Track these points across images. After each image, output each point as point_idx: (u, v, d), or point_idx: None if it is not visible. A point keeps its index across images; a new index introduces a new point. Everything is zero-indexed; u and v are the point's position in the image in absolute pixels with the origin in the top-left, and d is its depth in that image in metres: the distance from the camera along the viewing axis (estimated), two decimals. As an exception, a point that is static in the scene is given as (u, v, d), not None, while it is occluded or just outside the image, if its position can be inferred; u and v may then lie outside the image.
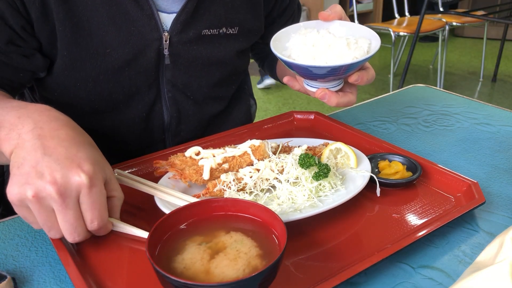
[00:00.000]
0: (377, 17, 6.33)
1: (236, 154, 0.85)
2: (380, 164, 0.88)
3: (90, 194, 0.64)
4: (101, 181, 0.66)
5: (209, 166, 0.81)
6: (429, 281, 0.65)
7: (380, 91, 4.46)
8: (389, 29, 4.04)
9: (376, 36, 0.91)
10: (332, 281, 0.60)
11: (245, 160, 0.84)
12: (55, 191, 0.61)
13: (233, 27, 1.02)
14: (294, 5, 1.19)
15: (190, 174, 0.80)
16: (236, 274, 0.55)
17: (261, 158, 0.84)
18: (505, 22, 4.28)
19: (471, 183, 0.81)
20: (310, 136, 1.04)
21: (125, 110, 0.99)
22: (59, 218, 0.64)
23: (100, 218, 0.66)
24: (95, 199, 0.65)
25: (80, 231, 0.65)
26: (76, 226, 0.65)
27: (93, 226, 0.66)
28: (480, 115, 1.17)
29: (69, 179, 0.62)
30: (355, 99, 0.94)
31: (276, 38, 0.93)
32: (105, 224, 0.68)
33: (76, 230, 0.65)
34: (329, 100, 0.90)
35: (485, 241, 0.72)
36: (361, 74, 0.89)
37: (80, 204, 0.64)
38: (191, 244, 0.61)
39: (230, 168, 0.83)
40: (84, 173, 0.63)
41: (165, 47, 0.95)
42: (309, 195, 0.76)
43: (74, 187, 0.62)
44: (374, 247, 0.69)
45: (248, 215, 0.65)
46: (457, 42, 6.12)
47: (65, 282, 0.66)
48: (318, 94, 0.90)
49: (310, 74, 0.89)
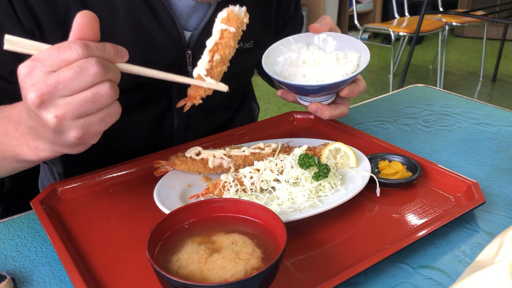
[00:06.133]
0: (377, 17, 6.33)
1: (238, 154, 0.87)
2: (380, 164, 0.88)
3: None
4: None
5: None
6: (429, 281, 0.65)
7: (380, 91, 4.46)
8: (389, 29, 4.04)
9: (366, 49, 0.94)
10: (332, 281, 0.60)
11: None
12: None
13: (249, 41, 1.03)
14: (298, 17, 1.19)
15: (196, 91, 0.78)
16: (235, 275, 0.55)
17: (236, 26, 0.78)
18: (505, 22, 4.28)
19: (471, 183, 0.81)
20: (310, 136, 1.04)
21: (137, 116, 1.00)
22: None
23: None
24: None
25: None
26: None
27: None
28: (480, 115, 1.17)
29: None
30: (347, 110, 0.97)
31: (267, 55, 0.96)
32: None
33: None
34: (321, 114, 0.94)
35: (485, 241, 0.72)
36: (352, 88, 0.92)
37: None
38: (190, 244, 0.61)
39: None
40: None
41: (188, 64, 0.96)
42: (309, 195, 0.76)
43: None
44: (374, 247, 0.69)
45: (248, 216, 0.65)
46: (457, 42, 6.12)
47: (65, 282, 0.66)
48: (311, 108, 0.95)
49: (302, 91, 0.94)
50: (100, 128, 0.63)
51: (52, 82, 0.58)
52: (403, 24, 4.29)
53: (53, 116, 0.59)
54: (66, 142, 0.63)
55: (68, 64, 0.58)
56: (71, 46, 0.58)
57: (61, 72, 0.58)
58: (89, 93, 0.59)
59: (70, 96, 0.59)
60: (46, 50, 0.59)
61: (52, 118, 0.59)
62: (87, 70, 0.58)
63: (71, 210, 0.81)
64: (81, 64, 0.58)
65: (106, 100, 0.60)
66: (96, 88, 0.59)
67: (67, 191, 0.84)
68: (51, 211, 0.79)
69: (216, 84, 0.74)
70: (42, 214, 0.76)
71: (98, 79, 0.59)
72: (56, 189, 0.84)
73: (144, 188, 0.84)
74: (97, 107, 0.60)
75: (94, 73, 0.58)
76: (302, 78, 0.91)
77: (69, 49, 0.58)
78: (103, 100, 0.60)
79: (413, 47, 3.90)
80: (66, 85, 0.58)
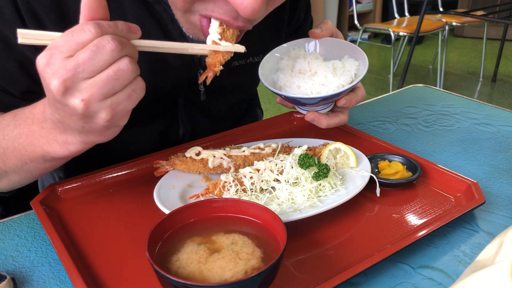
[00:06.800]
0: (377, 17, 6.33)
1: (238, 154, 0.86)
2: (380, 164, 0.88)
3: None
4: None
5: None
6: (429, 281, 0.65)
7: (380, 91, 4.46)
8: (389, 29, 4.04)
9: (365, 56, 0.94)
10: (332, 281, 0.60)
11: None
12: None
13: (258, 55, 1.03)
14: (307, 23, 1.18)
15: (214, 56, 0.77)
16: (235, 275, 0.55)
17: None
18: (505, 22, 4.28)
19: (471, 183, 0.81)
20: (310, 136, 1.04)
21: (145, 128, 1.00)
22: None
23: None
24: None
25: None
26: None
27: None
28: (480, 115, 1.17)
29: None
30: (346, 119, 0.97)
31: (263, 65, 0.96)
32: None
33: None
34: (319, 123, 0.95)
35: (485, 241, 0.72)
36: (350, 98, 0.92)
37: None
38: (190, 244, 0.61)
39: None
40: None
41: (200, 84, 0.96)
42: (309, 195, 0.76)
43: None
44: (374, 247, 0.69)
45: (248, 216, 0.65)
46: (457, 42, 6.12)
47: (65, 282, 0.66)
48: (308, 117, 0.95)
49: (297, 102, 0.95)
50: (129, 106, 0.63)
51: (72, 66, 0.57)
52: (403, 24, 4.29)
53: (80, 100, 0.58)
54: (97, 127, 0.62)
55: (84, 46, 0.58)
56: (83, 27, 0.58)
57: (79, 54, 0.58)
58: (111, 71, 0.59)
59: (92, 78, 0.59)
60: (60, 37, 0.59)
61: (79, 103, 0.59)
62: (104, 48, 0.58)
63: (71, 210, 0.81)
64: (97, 42, 0.58)
65: (128, 75, 0.60)
66: (116, 64, 0.59)
67: (67, 191, 0.84)
68: (51, 211, 0.79)
69: (232, 46, 0.72)
70: (42, 214, 0.75)
71: (116, 55, 0.59)
72: (56, 189, 0.84)
73: (144, 188, 0.84)
74: (121, 84, 0.60)
75: (111, 49, 0.58)
76: (297, 89, 0.91)
77: (82, 31, 0.58)
78: (125, 75, 0.60)
79: (413, 47, 3.90)
80: (86, 66, 0.58)
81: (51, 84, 0.58)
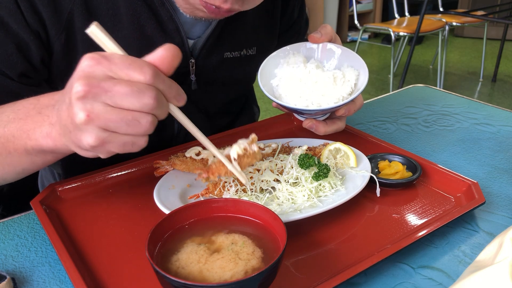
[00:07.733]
0: (377, 17, 6.33)
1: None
2: (380, 164, 0.88)
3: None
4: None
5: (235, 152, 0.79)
6: (429, 281, 0.65)
7: (380, 91, 4.46)
8: (389, 29, 4.04)
9: (365, 66, 0.94)
10: (332, 281, 0.60)
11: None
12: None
13: (252, 48, 1.03)
14: (302, 20, 1.18)
15: (218, 167, 0.77)
16: (235, 275, 0.55)
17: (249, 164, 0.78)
18: (505, 22, 4.28)
19: (471, 183, 0.81)
20: (310, 136, 1.03)
21: None
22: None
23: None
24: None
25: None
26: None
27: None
28: (480, 115, 1.17)
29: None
30: (343, 126, 0.98)
31: (263, 69, 0.95)
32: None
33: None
34: (316, 130, 0.95)
35: (485, 241, 0.72)
36: (349, 108, 0.92)
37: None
38: (190, 244, 0.61)
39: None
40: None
41: (191, 72, 0.95)
42: (309, 195, 0.76)
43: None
44: (374, 247, 0.69)
45: (248, 216, 0.65)
46: (457, 42, 6.12)
47: (65, 282, 0.66)
48: (306, 124, 0.95)
49: (296, 112, 0.96)
50: (117, 150, 0.62)
51: (106, 86, 0.57)
52: (403, 24, 4.29)
53: (85, 114, 0.58)
54: (79, 142, 0.62)
55: (130, 80, 0.58)
56: (144, 67, 0.58)
57: (120, 83, 0.57)
58: (130, 115, 0.58)
59: (111, 107, 0.58)
60: (120, 55, 0.59)
61: (83, 115, 0.58)
62: (143, 96, 0.57)
63: (71, 210, 0.81)
64: (142, 87, 0.57)
65: (140, 130, 0.60)
66: (138, 115, 0.59)
67: (67, 191, 0.84)
68: (51, 211, 0.79)
69: (238, 172, 0.73)
70: (42, 214, 0.75)
71: (146, 110, 0.58)
72: (56, 189, 0.84)
73: (144, 188, 0.84)
74: (127, 130, 0.59)
75: (146, 103, 0.58)
76: (297, 99, 0.91)
77: (141, 68, 0.58)
78: (137, 129, 0.59)
79: (413, 47, 3.90)
80: (115, 95, 0.57)
81: (76, 83, 0.58)
